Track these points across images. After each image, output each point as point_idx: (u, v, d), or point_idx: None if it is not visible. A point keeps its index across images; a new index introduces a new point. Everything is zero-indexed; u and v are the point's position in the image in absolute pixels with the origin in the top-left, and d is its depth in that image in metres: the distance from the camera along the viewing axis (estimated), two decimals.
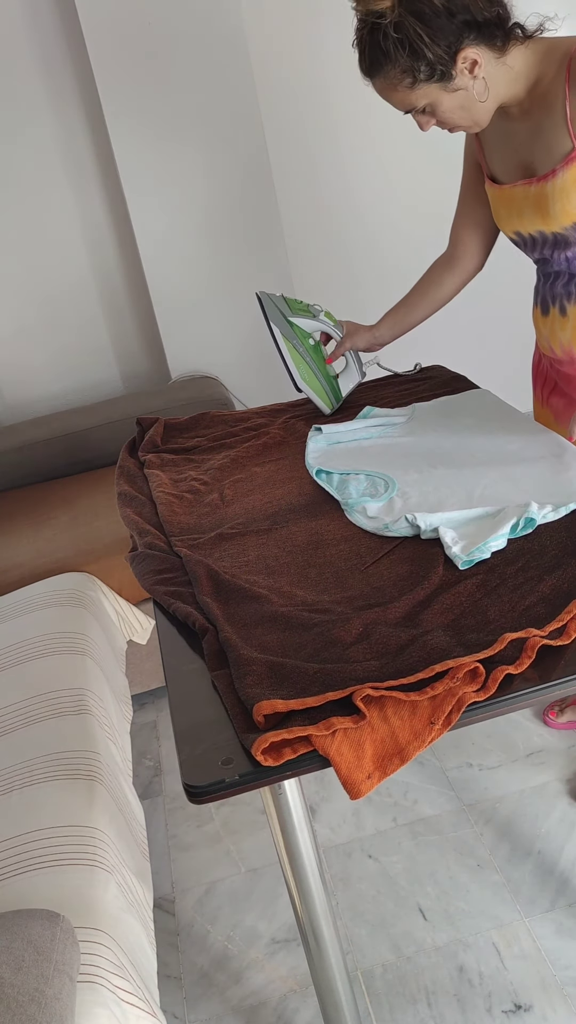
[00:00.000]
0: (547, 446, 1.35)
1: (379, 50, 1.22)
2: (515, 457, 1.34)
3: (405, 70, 1.22)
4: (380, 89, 1.28)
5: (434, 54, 1.20)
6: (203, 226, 2.66)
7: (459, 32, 1.20)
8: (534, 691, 0.90)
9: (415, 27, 1.18)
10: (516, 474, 1.29)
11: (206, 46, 2.46)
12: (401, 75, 1.23)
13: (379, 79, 1.26)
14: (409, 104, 1.28)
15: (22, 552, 2.17)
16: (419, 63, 1.21)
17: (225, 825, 1.89)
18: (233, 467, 1.58)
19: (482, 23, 1.21)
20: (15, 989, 0.91)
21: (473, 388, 1.74)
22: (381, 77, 1.25)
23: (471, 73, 1.24)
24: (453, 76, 1.23)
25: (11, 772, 1.37)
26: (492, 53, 1.25)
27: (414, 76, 1.23)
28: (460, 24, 1.20)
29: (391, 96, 1.27)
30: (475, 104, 1.28)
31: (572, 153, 1.29)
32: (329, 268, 2.97)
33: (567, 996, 1.40)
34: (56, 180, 2.69)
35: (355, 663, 0.95)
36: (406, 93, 1.25)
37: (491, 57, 1.25)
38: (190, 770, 0.88)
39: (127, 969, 1.10)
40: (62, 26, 2.51)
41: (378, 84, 1.27)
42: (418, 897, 1.63)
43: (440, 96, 1.25)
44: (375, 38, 1.22)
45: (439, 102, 1.26)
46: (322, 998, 1.19)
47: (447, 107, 1.27)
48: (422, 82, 1.23)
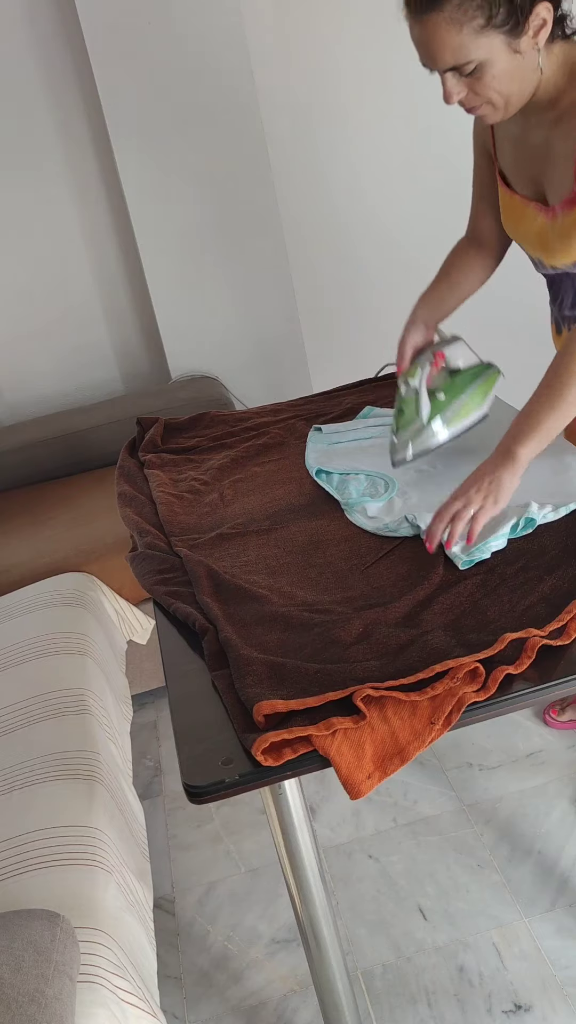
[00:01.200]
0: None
1: None
2: None
3: (481, 4, 1.04)
4: (434, 28, 1.07)
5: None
6: (203, 226, 2.66)
7: None
8: (534, 691, 0.90)
9: None
10: None
11: (206, 46, 2.46)
12: (476, 10, 1.04)
13: (442, 12, 1.05)
14: (463, 55, 1.08)
15: (22, 552, 2.17)
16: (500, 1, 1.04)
17: (225, 825, 1.89)
18: (233, 467, 1.58)
19: None
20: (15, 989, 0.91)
21: None
22: (446, 9, 1.05)
23: (535, 37, 1.08)
24: (523, 31, 1.07)
25: (11, 772, 1.37)
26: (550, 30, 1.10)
27: (490, 14, 1.04)
28: None
29: (448, 39, 1.06)
30: (526, 77, 1.12)
31: (571, 196, 1.19)
32: (330, 268, 2.97)
33: (567, 996, 1.40)
34: (56, 180, 2.69)
35: (355, 663, 0.95)
36: (469, 37, 1.06)
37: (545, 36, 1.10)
38: (190, 770, 0.88)
39: (127, 969, 1.10)
40: (62, 27, 2.51)
41: (434, 20, 1.06)
42: (418, 897, 1.63)
43: (500, 53, 1.08)
44: None
45: (495, 61, 1.08)
46: (322, 998, 1.19)
47: (500, 71, 1.09)
48: (494, 27, 1.05)
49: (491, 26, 1.06)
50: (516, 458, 1.13)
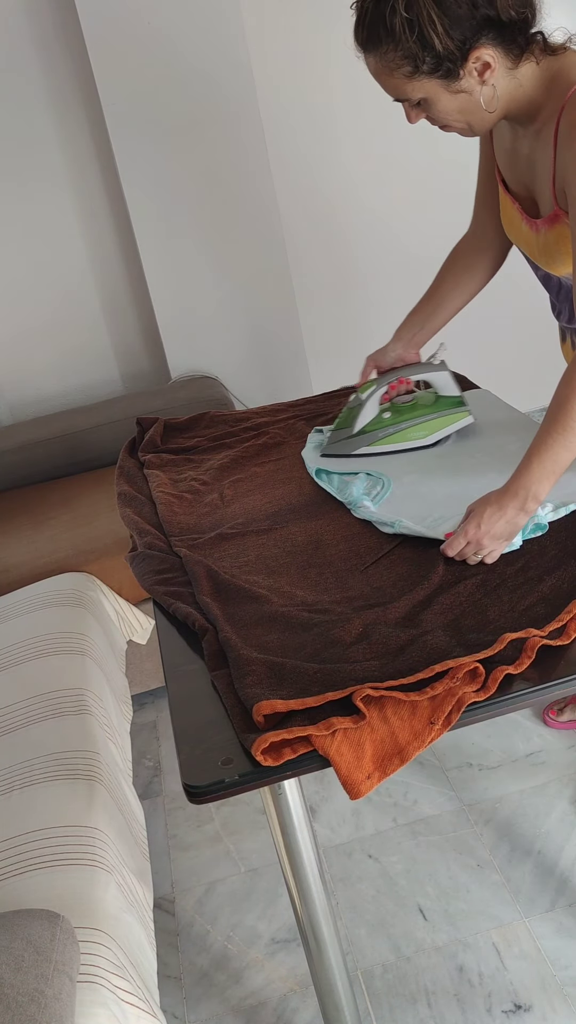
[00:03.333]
0: None
1: (382, 25, 1.05)
2: (515, 457, 1.34)
3: (407, 56, 1.06)
4: (373, 68, 1.11)
5: (444, 46, 1.04)
6: (203, 226, 2.66)
7: (478, 27, 1.04)
8: (534, 691, 0.90)
9: (430, 10, 1.02)
10: None
11: (206, 46, 2.46)
12: (401, 60, 1.07)
13: (374, 56, 1.09)
14: (402, 94, 1.11)
15: (22, 552, 2.17)
16: (425, 52, 1.04)
17: (225, 825, 1.89)
18: (233, 467, 1.58)
19: (506, 23, 1.05)
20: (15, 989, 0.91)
21: (473, 388, 1.74)
22: (377, 55, 1.09)
23: (480, 77, 1.08)
24: (460, 76, 1.07)
25: (11, 772, 1.37)
26: (507, 60, 1.09)
27: (416, 65, 1.06)
28: (481, 18, 1.03)
29: (384, 80, 1.11)
30: (478, 111, 1.13)
31: (553, 213, 1.20)
32: (329, 268, 2.97)
33: (567, 996, 1.40)
34: (57, 180, 2.69)
35: (355, 663, 0.95)
36: (402, 81, 1.09)
37: (505, 65, 1.09)
38: (190, 770, 0.88)
39: (127, 969, 1.10)
40: (62, 27, 2.51)
41: (372, 62, 1.10)
42: (418, 897, 1.63)
43: (439, 94, 1.10)
44: (381, 9, 1.04)
45: (436, 99, 1.10)
46: (322, 998, 1.19)
47: (444, 108, 1.12)
48: (424, 74, 1.07)
49: (420, 73, 1.07)
50: (535, 498, 1.11)
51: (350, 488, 1.36)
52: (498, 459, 1.35)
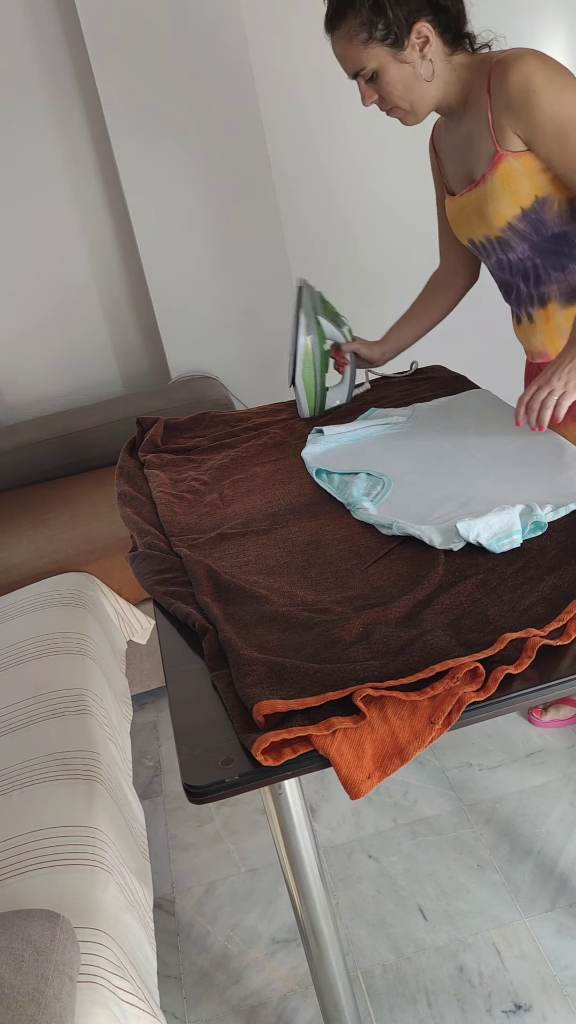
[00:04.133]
0: (547, 446, 1.35)
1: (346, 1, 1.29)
2: (515, 457, 1.34)
3: (364, 23, 1.29)
4: (337, 42, 1.33)
5: (394, 15, 1.27)
6: (203, 226, 2.66)
7: (421, 5, 1.28)
8: (534, 691, 0.90)
9: None
10: (515, 474, 1.29)
11: (206, 45, 2.46)
12: (359, 27, 1.29)
13: (339, 30, 1.32)
14: (359, 63, 1.32)
15: (22, 552, 2.17)
16: (378, 19, 1.28)
17: (225, 825, 1.89)
18: (233, 467, 1.58)
19: (440, 7, 1.30)
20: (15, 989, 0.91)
21: (473, 388, 1.74)
22: (342, 27, 1.31)
23: (421, 51, 1.31)
24: (404, 46, 1.30)
25: (11, 772, 1.37)
26: (443, 45, 1.33)
27: (370, 32, 1.29)
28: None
29: (345, 50, 1.33)
30: (418, 84, 1.34)
31: (495, 156, 1.35)
32: (329, 268, 2.97)
33: (567, 996, 1.40)
34: (56, 180, 2.69)
35: (355, 663, 0.95)
36: (359, 49, 1.31)
37: (441, 48, 1.33)
38: (190, 770, 0.88)
39: (127, 969, 1.10)
40: (62, 26, 2.51)
41: (336, 36, 1.33)
42: (418, 897, 1.63)
43: (388, 63, 1.32)
44: None
45: (386, 69, 1.32)
46: (322, 998, 1.19)
47: (392, 78, 1.33)
48: (376, 41, 1.30)
49: (374, 39, 1.30)
50: None
51: (350, 488, 1.36)
52: (498, 459, 1.35)
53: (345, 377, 1.78)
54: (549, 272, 1.42)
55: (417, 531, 1.18)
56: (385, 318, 3.00)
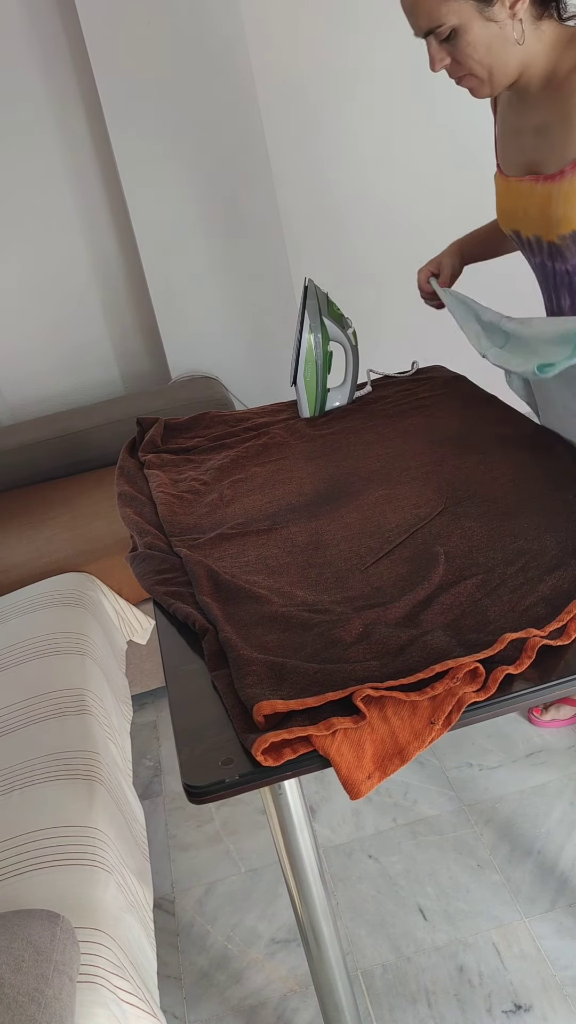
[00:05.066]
0: None
1: None
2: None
3: None
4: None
5: None
6: (203, 226, 2.66)
7: None
8: (534, 691, 0.90)
9: None
10: None
11: (206, 45, 2.46)
12: None
13: None
14: (437, 18, 1.16)
15: (22, 552, 2.17)
16: None
17: (225, 825, 1.89)
18: (233, 467, 1.58)
19: None
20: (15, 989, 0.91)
21: (473, 388, 1.74)
22: None
23: (512, 8, 1.15)
24: (494, 1, 1.14)
25: (11, 772, 1.37)
26: (531, 7, 1.16)
27: None
28: None
29: (421, 2, 1.16)
30: (504, 48, 1.18)
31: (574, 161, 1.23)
32: (329, 268, 2.97)
33: (567, 996, 1.40)
34: (56, 180, 2.69)
35: (355, 663, 0.95)
36: (438, 2, 1.15)
37: (530, 11, 1.17)
38: (190, 770, 0.88)
39: (127, 969, 1.10)
40: (62, 26, 2.51)
41: None
42: (418, 897, 1.63)
43: (472, 20, 1.15)
44: None
45: (468, 27, 1.16)
46: (322, 998, 1.19)
47: (474, 38, 1.17)
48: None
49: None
50: None
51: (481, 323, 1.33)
52: None
53: (346, 378, 1.78)
54: None
55: None
56: (385, 318, 3.01)
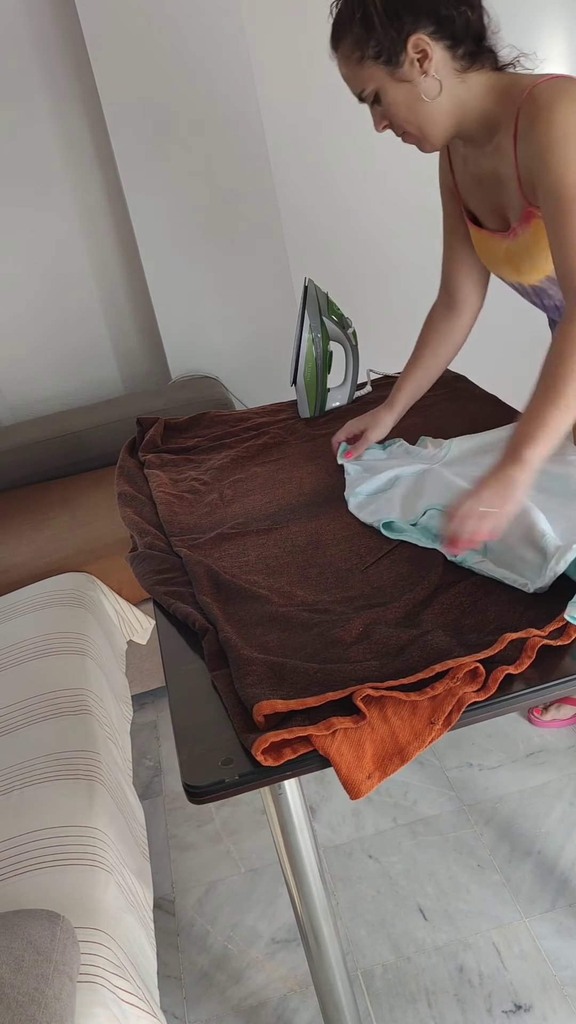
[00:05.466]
0: None
1: (343, 18, 1.19)
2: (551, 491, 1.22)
3: (357, 41, 1.17)
4: (339, 64, 1.23)
5: (384, 30, 1.15)
6: (203, 226, 2.66)
7: (416, 16, 1.14)
8: (534, 691, 0.90)
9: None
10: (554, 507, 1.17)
11: (206, 45, 2.46)
12: (353, 46, 1.18)
13: (339, 51, 1.22)
14: (359, 84, 1.21)
15: (22, 552, 2.17)
16: (368, 35, 1.16)
17: (225, 825, 1.89)
18: (233, 467, 1.58)
19: (443, 19, 1.14)
20: (15, 989, 0.91)
21: (473, 388, 1.74)
22: (340, 47, 1.21)
23: (421, 67, 1.16)
24: (400, 63, 1.16)
25: (11, 772, 1.37)
26: (452, 61, 1.17)
27: (363, 50, 1.17)
28: (420, 9, 1.14)
29: (345, 72, 1.22)
30: (422, 106, 1.20)
31: (526, 211, 1.24)
32: (329, 268, 2.97)
33: (567, 996, 1.40)
34: (56, 180, 2.69)
35: (355, 663, 0.95)
36: (355, 69, 1.20)
37: (450, 65, 1.18)
38: (190, 770, 0.88)
39: (127, 969, 1.10)
40: (62, 26, 2.51)
41: (338, 57, 1.22)
42: (418, 897, 1.63)
43: (386, 83, 1.19)
44: (345, 7, 1.19)
45: (385, 90, 1.19)
46: (322, 998, 1.19)
47: (392, 99, 1.20)
48: (369, 59, 1.17)
49: (367, 57, 1.18)
50: (526, 460, 1.10)
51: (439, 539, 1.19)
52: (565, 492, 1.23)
53: (346, 378, 1.78)
54: None
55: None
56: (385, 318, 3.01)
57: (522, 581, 1.03)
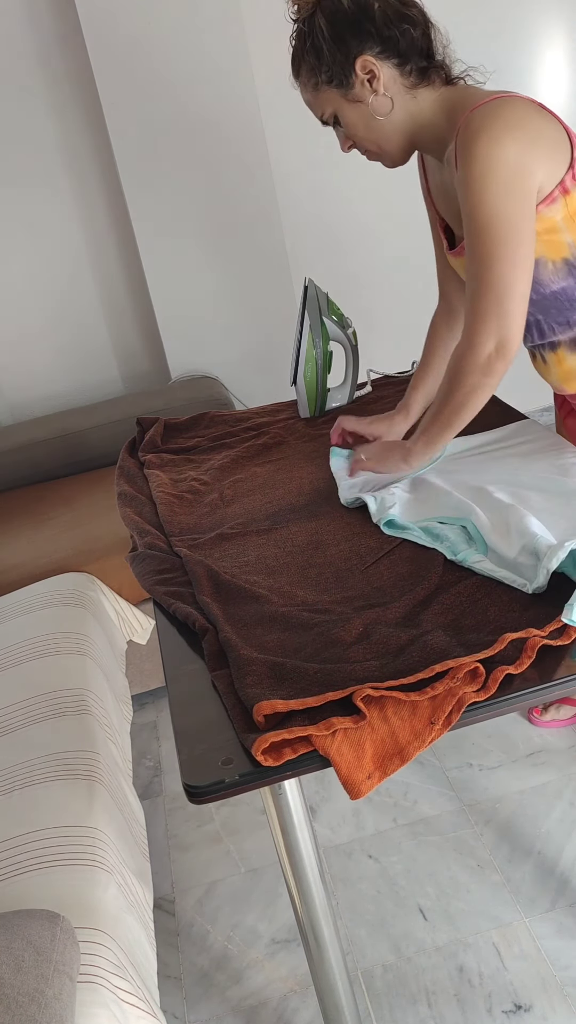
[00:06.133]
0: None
1: (297, 50, 1.25)
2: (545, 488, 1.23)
3: (311, 69, 1.24)
4: (301, 92, 1.29)
5: (332, 55, 1.20)
6: (203, 226, 2.66)
7: (360, 39, 1.19)
8: (534, 691, 0.90)
9: (322, 25, 1.20)
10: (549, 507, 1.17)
11: (207, 46, 2.46)
12: (308, 74, 1.24)
13: (298, 80, 1.27)
14: (319, 108, 1.27)
15: (22, 552, 2.17)
16: (321, 63, 1.22)
17: (225, 825, 1.89)
18: (233, 467, 1.58)
19: (387, 39, 1.19)
20: (15, 989, 0.91)
21: None
22: (299, 77, 1.27)
23: (371, 86, 1.22)
24: (352, 84, 1.22)
25: (11, 772, 1.37)
26: (401, 79, 1.22)
27: (316, 77, 1.23)
28: (364, 32, 1.19)
29: (306, 98, 1.28)
30: (376, 124, 1.25)
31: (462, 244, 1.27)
32: (329, 268, 2.97)
33: (567, 996, 1.40)
34: (57, 181, 2.69)
35: (355, 663, 0.95)
36: (313, 95, 1.26)
37: (400, 82, 1.22)
38: (190, 770, 0.88)
39: (127, 969, 1.10)
40: (63, 28, 2.51)
41: (299, 86, 1.28)
42: (418, 897, 1.63)
43: (342, 105, 1.25)
44: (299, 40, 1.25)
45: (342, 112, 1.25)
46: (322, 998, 1.19)
47: (348, 120, 1.26)
48: (324, 84, 1.23)
49: (322, 84, 1.24)
50: (411, 454, 1.34)
51: (449, 537, 1.18)
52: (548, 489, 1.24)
53: (346, 377, 1.77)
54: (553, 327, 1.34)
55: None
56: (385, 318, 3.01)
57: (521, 581, 1.04)
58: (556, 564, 1.00)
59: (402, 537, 1.21)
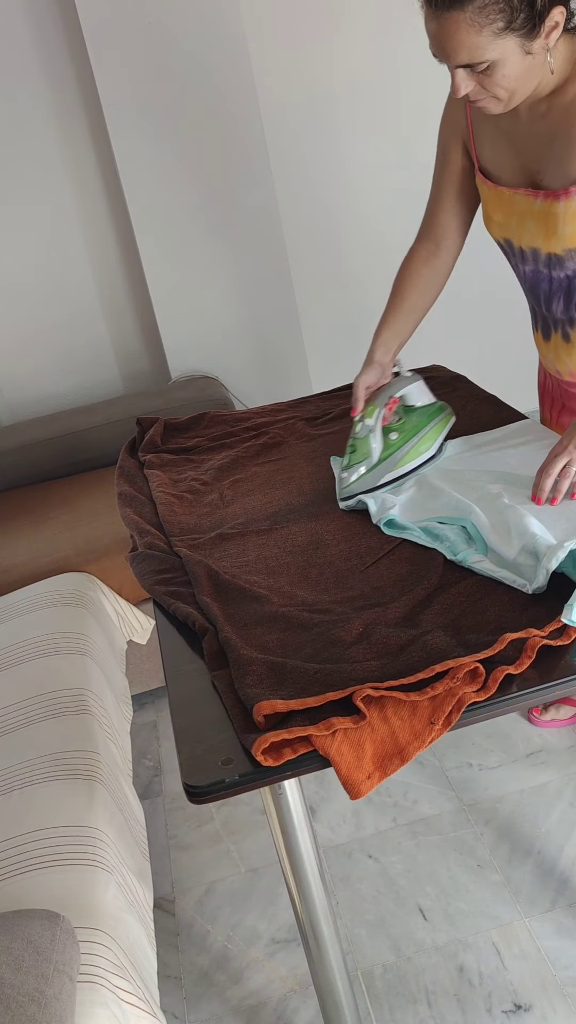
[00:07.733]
0: None
1: None
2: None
3: (503, 9, 1.06)
4: (453, 26, 1.08)
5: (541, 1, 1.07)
6: (203, 226, 2.66)
7: None
8: (534, 691, 0.90)
9: None
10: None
11: (206, 45, 2.46)
12: (496, 14, 1.06)
13: (462, 12, 1.07)
14: (478, 55, 1.10)
15: (22, 552, 2.17)
16: (521, 5, 1.07)
17: (225, 825, 1.89)
18: (233, 467, 1.58)
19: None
20: (15, 989, 0.91)
21: (473, 388, 1.73)
22: (467, 9, 1.06)
23: (547, 38, 1.11)
24: (537, 35, 1.10)
25: (11, 772, 1.37)
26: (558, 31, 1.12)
27: (510, 19, 1.07)
28: None
29: (463, 38, 1.09)
30: (534, 76, 1.15)
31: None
32: (329, 268, 2.97)
33: (567, 996, 1.40)
34: (57, 180, 2.69)
35: (355, 663, 0.95)
36: (487, 39, 1.09)
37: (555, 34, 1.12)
38: (190, 770, 0.88)
39: (127, 969, 1.10)
40: (62, 26, 2.51)
41: (454, 19, 1.08)
42: (418, 897, 1.63)
43: (515, 55, 1.11)
44: None
45: (507, 61, 1.11)
46: (322, 998, 1.19)
47: (511, 69, 1.13)
48: (513, 31, 1.08)
49: (510, 29, 1.08)
50: None
51: (449, 538, 1.18)
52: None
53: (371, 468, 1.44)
54: None
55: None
56: None
57: (521, 581, 1.04)
58: (556, 564, 1.01)
59: (402, 537, 1.21)
